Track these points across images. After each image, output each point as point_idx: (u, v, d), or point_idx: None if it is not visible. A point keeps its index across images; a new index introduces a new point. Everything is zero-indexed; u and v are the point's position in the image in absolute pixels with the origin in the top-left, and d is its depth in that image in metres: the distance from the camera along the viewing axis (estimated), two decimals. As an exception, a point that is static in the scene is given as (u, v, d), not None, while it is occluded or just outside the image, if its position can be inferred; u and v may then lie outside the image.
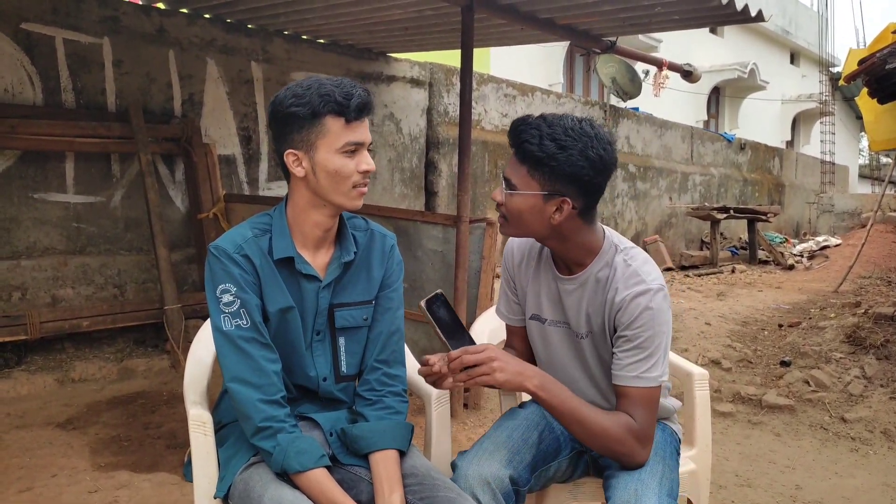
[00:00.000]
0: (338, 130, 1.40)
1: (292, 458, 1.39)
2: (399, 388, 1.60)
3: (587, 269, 1.57)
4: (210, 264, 1.45)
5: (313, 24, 4.89)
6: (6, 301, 4.09)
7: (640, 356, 1.49)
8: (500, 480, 1.50)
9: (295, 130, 1.42)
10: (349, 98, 1.39)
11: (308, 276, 1.50)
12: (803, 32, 18.63)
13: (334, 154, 1.41)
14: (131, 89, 4.53)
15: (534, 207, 1.48)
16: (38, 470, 2.84)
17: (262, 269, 1.46)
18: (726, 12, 3.76)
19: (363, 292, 1.57)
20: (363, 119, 1.43)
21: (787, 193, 14.29)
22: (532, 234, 1.56)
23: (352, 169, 1.42)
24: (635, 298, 1.48)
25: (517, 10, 3.94)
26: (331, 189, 1.43)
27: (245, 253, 1.45)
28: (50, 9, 4.17)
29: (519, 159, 1.49)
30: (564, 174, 1.44)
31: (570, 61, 12.48)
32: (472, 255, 3.62)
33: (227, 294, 1.43)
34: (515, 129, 1.49)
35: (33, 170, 4.16)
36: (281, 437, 1.41)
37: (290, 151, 1.44)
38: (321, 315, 1.53)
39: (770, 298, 6.95)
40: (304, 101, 1.39)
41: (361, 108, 1.41)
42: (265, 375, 1.43)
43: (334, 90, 1.39)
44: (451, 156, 6.66)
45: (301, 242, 1.50)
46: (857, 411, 3.72)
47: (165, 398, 3.79)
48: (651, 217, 9.83)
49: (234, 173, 5.16)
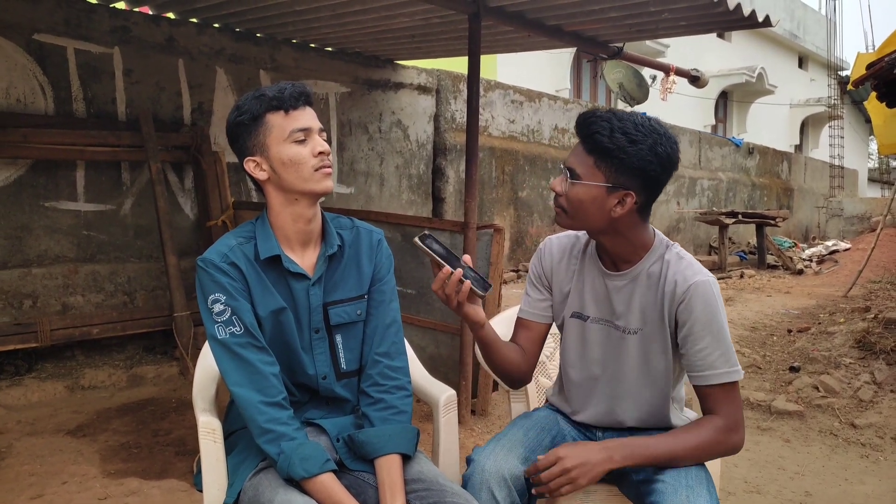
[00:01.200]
0: (280, 122, 1.46)
1: (297, 465, 1.41)
2: (403, 382, 1.61)
3: (638, 264, 1.58)
4: (199, 277, 1.49)
5: (321, 32, 4.93)
6: (17, 309, 4.12)
7: (720, 349, 1.50)
8: (517, 477, 1.50)
9: (246, 139, 1.49)
10: (282, 91, 1.46)
11: (296, 274, 1.53)
12: (811, 36, 18.58)
13: (284, 145, 1.46)
14: (141, 98, 4.58)
15: (596, 199, 1.49)
16: (49, 477, 2.86)
17: (249, 274, 1.49)
18: (733, 18, 3.76)
19: (354, 287, 1.60)
20: (303, 108, 1.48)
21: (795, 198, 14.24)
22: (589, 227, 1.56)
23: (306, 154, 1.47)
24: (699, 288, 1.50)
25: (524, 18, 3.95)
26: (293, 179, 1.47)
27: (231, 261, 1.48)
28: (62, 20, 4.22)
29: (586, 150, 1.50)
30: (632, 167, 1.46)
31: (577, 67, 12.49)
32: (479, 262, 3.62)
33: (218, 304, 1.46)
34: (585, 120, 1.50)
35: (44, 178, 4.20)
36: (285, 445, 1.43)
37: (248, 159, 1.50)
38: (315, 312, 1.56)
39: (779, 303, 6.92)
40: (244, 109, 1.47)
41: (297, 96, 1.47)
42: (264, 378, 1.46)
43: (267, 91, 1.47)
44: (458, 162, 6.67)
45: (286, 244, 1.53)
46: (868, 417, 3.70)
47: (175, 405, 3.81)
48: (659, 222, 9.81)
49: (243, 181, 5.19)
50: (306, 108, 1.49)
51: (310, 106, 1.51)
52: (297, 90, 1.47)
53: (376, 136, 6.06)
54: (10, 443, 3.22)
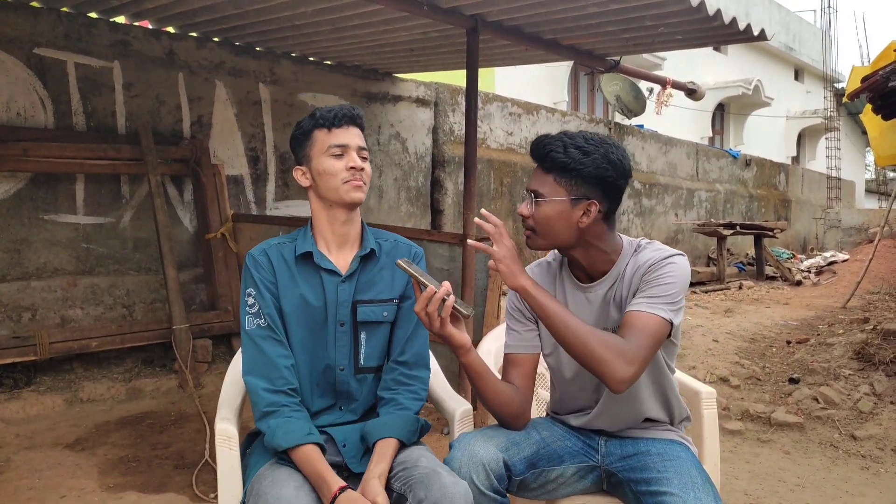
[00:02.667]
0: (322, 138, 1.66)
1: (280, 437, 1.52)
2: (416, 387, 1.70)
3: (613, 269, 1.64)
4: (243, 270, 1.70)
5: (320, 46, 4.96)
6: (16, 322, 4.12)
7: (651, 294, 1.53)
8: (495, 462, 1.52)
9: (298, 150, 1.71)
10: (331, 111, 1.65)
11: (328, 270, 1.67)
12: (807, 49, 18.69)
13: (322, 157, 1.65)
14: (141, 112, 4.60)
15: (562, 213, 1.57)
16: (48, 491, 2.85)
17: (279, 269, 1.66)
18: (729, 32, 3.80)
19: (385, 290, 1.72)
20: (346, 126, 1.66)
21: (793, 209, 14.27)
22: (560, 242, 1.61)
23: (340, 167, 1.64)
24: (661, 259, 1.58)
25: (521, 31, 3.98)
26: (327, 188, 1.65)
27: (267, 254, 1.68)
28: (62, 34, 4.25)
29: (545, 169, 1.59)
30: (590, 177, 1.56)
31: (575, 80, 12.55)
32: (478, 274, 3.63)
33: (250, 297, 1.64)
34: (539, 143, 1.60)
35: (44, 191, 4.21)
36: (273, 421, 1.55)
37: (296, 168, 1.71)
38: (343, 307, 1.68)
39: (778, 315, 6.93)
40: (300, 125, 1.70)
41: (342, 116, 1.65)
42: (275, 369, 1.60)
43: (322, 111, 1.66)
44: (456, 174, 6.69)
45: (324, 244, 1.71)
46: (867, 429, 3.70)
47: (173, 418, 3.80)
48: (657, 234, 9.83)
49: (242, 193, 5.20)
50: (350, 127, 1.67)
51: (355, 126, 1.68)
52: (343, 111, 1.66)
53: (375, 148, 6.08)
54: (8, 456, 3.21)
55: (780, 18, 17.29)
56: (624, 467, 1.65)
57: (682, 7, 3.43)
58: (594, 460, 1.70)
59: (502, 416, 1.66)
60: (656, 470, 1.57)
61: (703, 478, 1.55)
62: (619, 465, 1.66)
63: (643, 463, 1.61)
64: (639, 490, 1.56)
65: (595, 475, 1.71)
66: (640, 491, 1.56)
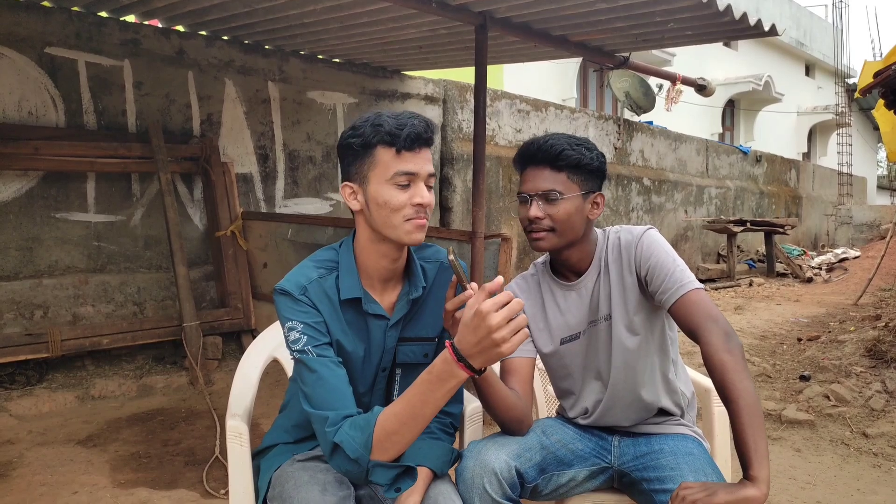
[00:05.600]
0: (388, 160, 1.36)
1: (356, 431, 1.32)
2: (447, 421, 1.58)
3: (594, 262, 1.69)
4: (277, 305, 1.44)
5: (329, 44, 4.97)
6: (28, 319, 4.15)
7: (666, 281, 1.58)
8: (507, 470, 1.51)
9: (351, 162, 1.41)
10: (401, 128, 1.35)
11: (376, 315, 1.47)
12: (818, 44, 18.55)
13: (384, 185, 1.37)
14: (151, 110, 4.62)
15: (578, 208, 1.62)
16: (60, 487, 2.87)
17: (326, 313, 1.43)
18: (740, 27, 3.77)
19: (428, 328, 1.53)
20: (417, 150, 1.38)
21: (804, 205, 14.18)
22: (574, 237, 1.65)
23: (402, 201, 1.37)
24: (640, 238, 1.64)
25: (530, 28, 3.97)
26: (383, 223, 1.39)
27: (309, 297, 1.41)
28: (73, 33, 4.27)
29: (555, 169, 1.61)
30: (594, 171, 1.64)
31: (584, 76, 12.51)
32: (487, 271, 3.63)
33: (294, 332, 1.39)
34: (542, 146, 1.61)
35: (55, 190, 4.24)
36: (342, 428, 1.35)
37: (346, 184, 1.43)
38: (388, 354, 1.51)
39: (788, 312, 6.89)
40: (358, 132, 1.38)
41: (414, 138, 1.36)
42: (342, 397, 1.38)
43: (388, 121, 1.36)
44: (465, 171, 6.69)
45: (368, 280, 1.47)
46: (879, 426, 3.67)
47: (184, 415, 3.82)
48: (667, 230, 9.79)
49: (252, 191, 5.22)
50: (422, 150, 1.39)
51: (427, 148, 1.40)
52: (417, 131, 1.36)
53: (384, 146, 6.08)
54: (21, 453, 3.24)
55: (791, 13, 17.18)
56: (637, 466, 1.64)
57: (692, 2, 3.41)
58: (607, 461, 1.70)
59: (506, 421, 1.62)
60: (669, 468, 1.56)
61: (717, 475, 1.54)
62: (633, 465, 1.66)
63: (656, 462, 1.61)
64: (652, 489, 1.56)
65: (607, 475, 1.71)
66: (654, 489, 1.55)
